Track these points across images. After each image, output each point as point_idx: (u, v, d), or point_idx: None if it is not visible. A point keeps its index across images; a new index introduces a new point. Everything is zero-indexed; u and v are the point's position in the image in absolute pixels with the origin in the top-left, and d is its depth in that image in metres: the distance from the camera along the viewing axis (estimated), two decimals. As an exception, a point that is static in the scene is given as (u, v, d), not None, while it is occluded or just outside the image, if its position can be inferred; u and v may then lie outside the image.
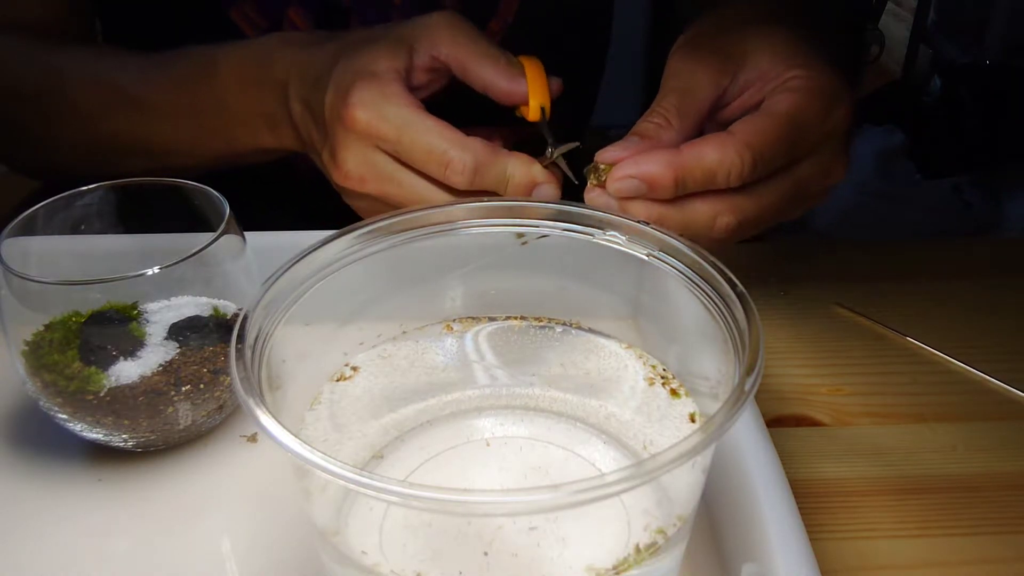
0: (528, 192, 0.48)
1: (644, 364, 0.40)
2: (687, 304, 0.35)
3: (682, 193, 0.44)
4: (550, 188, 0.48)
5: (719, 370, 0.34)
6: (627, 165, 0.44)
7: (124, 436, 0.41)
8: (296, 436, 0.27)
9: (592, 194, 0.45)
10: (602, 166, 0.45)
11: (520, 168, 0.48)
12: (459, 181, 0.47)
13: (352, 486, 0.26)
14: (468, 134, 0.51)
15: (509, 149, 0.49)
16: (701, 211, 0.45)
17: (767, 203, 0.46)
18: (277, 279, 0.34)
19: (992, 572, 0.40)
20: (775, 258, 0.63)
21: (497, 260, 0.40)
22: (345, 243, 0.37)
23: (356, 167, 0.49)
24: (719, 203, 0.45)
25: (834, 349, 0.54)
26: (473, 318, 0.42)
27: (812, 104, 0.46)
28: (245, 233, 0.43)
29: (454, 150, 0.46)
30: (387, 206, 0.50)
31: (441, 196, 0.48)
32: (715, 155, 0.43)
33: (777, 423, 0.49)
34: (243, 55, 0.58)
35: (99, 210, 0.45)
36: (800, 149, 0.47)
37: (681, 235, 0.39)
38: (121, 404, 0.40)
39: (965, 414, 0.49)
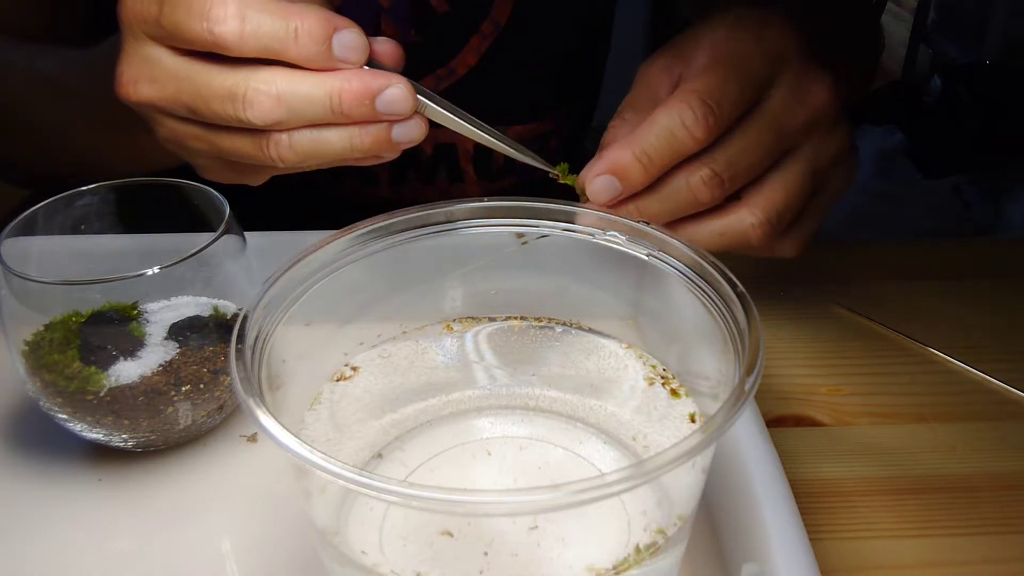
0: (328, 42, 0.39)
1: (644, 364, 0.40)
2: (687, 304, 0.35)
3: (653, 169, 0.42)
4: (352, 35, 0.39)
5: (719, 370, 0.34)
6: (588, 168, 0.43)
7: (124, 436, 0.41)
8: (296, 436, 0.27)
9: (582, 211, 0.43)
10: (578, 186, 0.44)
11: (311, 13, 0.38)
12: (227, 32, 0.38)
13: (352, 486, 0.26)
14: None
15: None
16: (678, 181, 0.43)
17: (752, 147, 0.44)
18: (277, 279, 0.34)
19: (992, 572, 0.40)
20: (775, 258, 0.63)
21: (497, 260, 0.40)
22: (345, 243, 0.37)
23: (128, 69, 0.41)
24: (693, 163, 0.43)
25: (834, 349, 0.54)
26: (473, 318, 0.42)
27: (737, 35, 0.45)
28: (245, 233, 0.43)
29: None
30: (178, 123, 0.42)
31: (223, 80, 0.39)
32: (664, 114, 0.42)
33: (777, 423, 0.49)
34: None
35: (99, 210, 0.45)
36: (752, 78, 0.44)
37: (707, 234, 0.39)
38: (121, 404, 0.40)
39: (965, 414, 0.49)
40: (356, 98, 0.39)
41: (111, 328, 0.40)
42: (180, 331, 0.42)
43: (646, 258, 0.37)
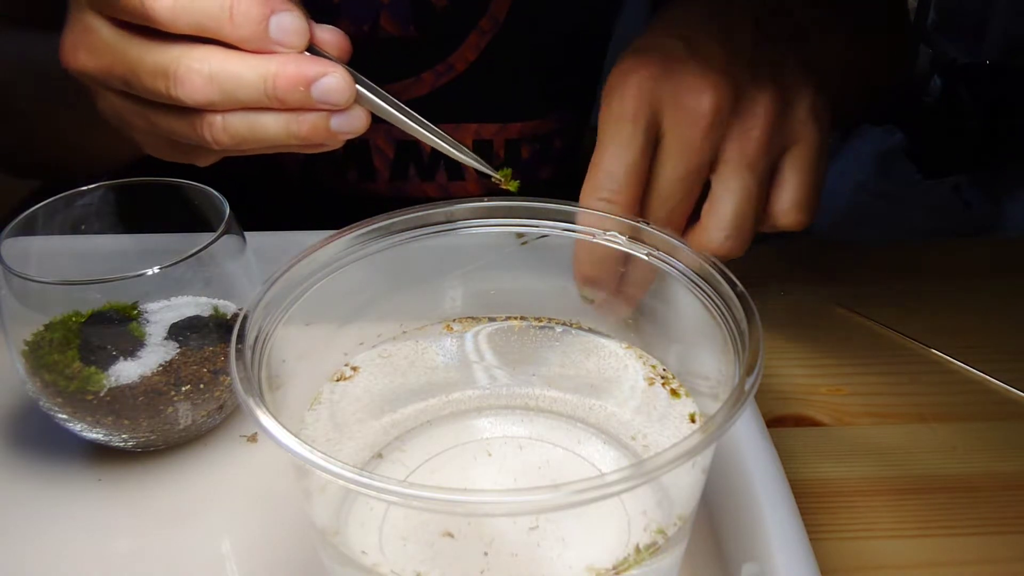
0: (264, 23, 0.38)
1: (644, 364, 0.40)
2: (687, 304, 0.35)
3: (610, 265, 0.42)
4: (290, 18, 0.38)
5: (719, 370, 0.34)
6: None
7: (124, 436, 0.41)
8: (296, 436, 0.27)
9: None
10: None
11: None
12: (158, 5, 0.37)
13: (352, 486, 0.26)
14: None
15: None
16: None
17: (669, 188, 0.42)
18: (277, 279, 0.34)
19: (992, 572, 0.40)
20: (775, 258, 0.63)
21: (497, 260, 0.40)
22: (345, 243, 0.37)
23: (70, 36, 0.40)
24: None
25: (834, 349, 0.54)
26: (473, 318, 0.42)
27: (605, 100, 0.43)
28: (245, 233, 0.43)
29: None
30: (116, 96, 0.42)
31: (156, 56, 0.38)
32: (586, 203, 0.41)
33: (777, 423, 0.49)
34: None
35: (99, 210, 0.45)
36: (630, 133, 0.42)
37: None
38: (121, 404, 0.40)
39: (965, 414, 0.49)
40: (290, 83, 0.37)
41: (111, 328, 0.40)
42: (180, 331, 0.42)
43: (646, 258, 0.37)
